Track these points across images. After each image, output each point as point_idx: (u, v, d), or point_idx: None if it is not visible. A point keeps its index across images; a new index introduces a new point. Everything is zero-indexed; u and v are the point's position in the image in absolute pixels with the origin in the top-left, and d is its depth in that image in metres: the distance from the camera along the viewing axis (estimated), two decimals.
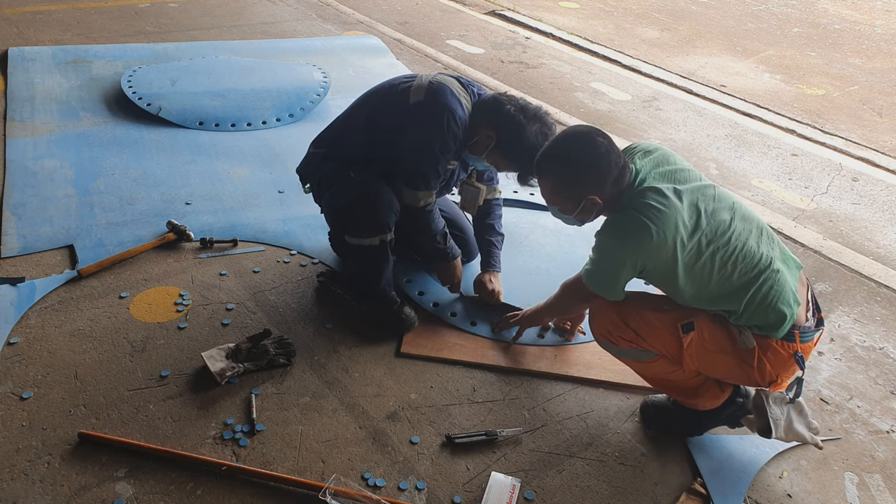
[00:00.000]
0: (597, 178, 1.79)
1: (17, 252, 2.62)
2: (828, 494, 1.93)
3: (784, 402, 1.84)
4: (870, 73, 5.65)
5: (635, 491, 1.90)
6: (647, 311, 1.84)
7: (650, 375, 1.98)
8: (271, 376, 2.17)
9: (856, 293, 2.86)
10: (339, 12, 6.13)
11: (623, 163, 1.82)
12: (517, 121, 2.15)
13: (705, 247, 1.75)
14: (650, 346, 1.85)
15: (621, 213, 1.79)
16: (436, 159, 2.21)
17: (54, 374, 2.10)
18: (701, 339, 1.80)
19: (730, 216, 1.80)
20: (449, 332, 2.40)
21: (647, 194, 1.76)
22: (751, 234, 1.81)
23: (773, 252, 1.82)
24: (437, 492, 1.84)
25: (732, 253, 1.76)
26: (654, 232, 1.70)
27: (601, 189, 1.80)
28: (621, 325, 1.86)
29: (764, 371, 1.80)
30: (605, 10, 7.12)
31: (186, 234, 2.77)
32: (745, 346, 1.78)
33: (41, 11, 5.32)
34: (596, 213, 1.87)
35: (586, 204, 1.82)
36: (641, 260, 1.76)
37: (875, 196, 3.70)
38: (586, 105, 4.63)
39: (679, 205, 1.74)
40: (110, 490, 1.76)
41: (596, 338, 1.98)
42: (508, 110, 2.17)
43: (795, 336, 1.78)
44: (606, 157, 1.78)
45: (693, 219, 1.75)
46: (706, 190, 1.84)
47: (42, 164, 3.23)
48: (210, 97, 3.89)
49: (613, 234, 1.80)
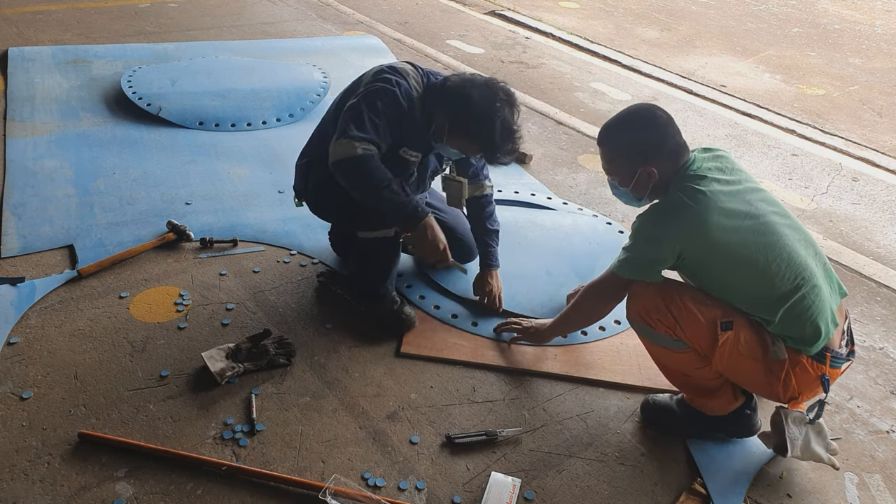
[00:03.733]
0: (653, 147, 1.82)
1: (17, 252, 2.62)
2: (828, 494, 1.93)
3: (803, 422, 1.83)
4: (870, 73, 5.65)
5: (635, 491, 1.90)
6: (690, 301, 1.81)
7: (673, 367, 1.96)
8: (271, 376, 2.17)
9: (856, 293, 2.86)
10: (339, 12, 6.13)
11: (682, 142, 1.85)
12: (462, 93, 2.07)
13: (751, 241, 1.74)
14: (685, 336, 1.83)
15: (667, 198, 1.82)
16: (361, 110, 2.04)
17: (54, 374, 2.10)
18: (736, 341, 1.78)
19: (781, 220, 1.80)
20: (449, 332, 2.40)
21: (696, 179, 1.78)
22: (799, 242, 1.80)
23: (818, 268, 1.81)
24: (437, 492, 1.84)
25: (779, 255, 1.74)
26: (695, 212, 1.72)
27: (657, 159, 1.82)
28: (663, 308, 1.83)
29: (789, 385, 1.79)
30: (605, 10, 7.11)
31: (186, 234, 2.77)
32: (777, 357, 1.77)
33: (41, 11, 5.32)
34: (651, 188, 1.86)
35: (641, 175, 1.83)
36: (680, 243, 1.76)
37: (875, 196, 3.70)
38: (586, 105, 4.63)
39: (726, 193, 1.75)
40: (110, 490, 1.76)
41: (631, 317, 1.94)
42: (452, 86, 2.10)
43: (826, 359, 1.77)
44: (664, 129, 1.83)
45: (741, 209, 1.76)
46: (759, 192, 1.85)
47: (42, 164, 3.23)
48: (210, 97, 3.89)
49: (652, 217, 1.82)
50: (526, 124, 4.23)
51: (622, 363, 2.31)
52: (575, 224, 3.05)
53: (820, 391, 1.81)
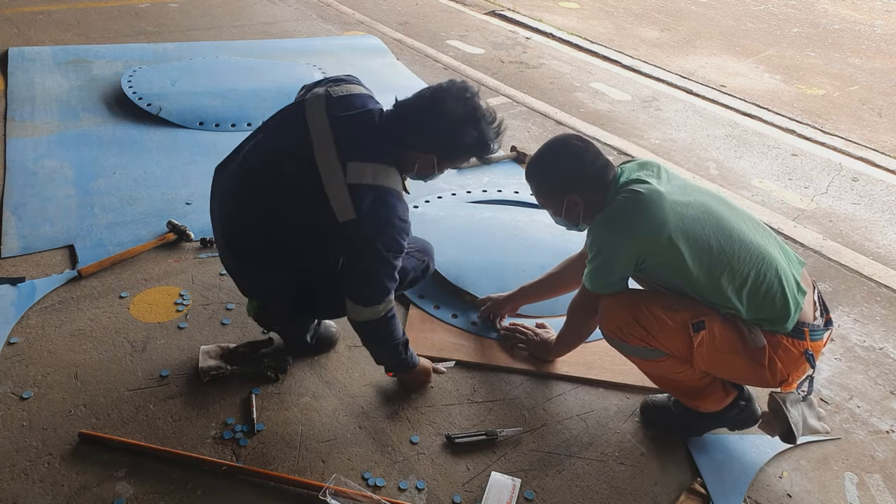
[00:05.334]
0: (571, 177, 1.89)
1: (18, 252, 2.62)
2: (828, 494, 1.94)
3: (798, 401, 1.84)
4: (870, 73, 5.65)
5: (635, 491, 1.90)
6: (658, 309, 1.82)
7: (657, 375, 1.97)
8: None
9: (856, 293, 2.86)
10: (339, 12, 6.13)
11: (604, 163, 1.90)
12: (447, 121, 1.81)
13: (698, 227, 1.77)
14: (660, 344, 1.84)
15: (608, 208, 1.84)
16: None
17: (54, 374, 2.10)
18: (711, 339, 1.79)
19: (720, 206, 1.84)
20: (449, 332, 2.40)
21: (631, 184, 1.82)
22: (745, 223, 1.83)
23: (769, 243, 1.83)
24: (437, 492, 1.84)
25: (728, 236, 1.77)
26: (643, 208, 1.75)
27: (578, 187, 1.88)
28: (632, 322, 1.84)
29: (776, 370, 1.79)
30: (605, 10, 7.12)
31: (186, 234, 2.77)
32: (756, 344, 1.77)
33: (41, 11, 5.32)
34: (583, 214, 1.91)
35: (568, 204, 1.90)
36: (636, 246, 1.78)
37: (875, 196, 3.70)
38: (586, 105, 4.63)
39: (664, 188, 1.80)
40: (110, 490, 1.76)
41: (605, 335, 1.96)
42: (418, 120, 1.83)
43: (805, 333, 1.78)
44: (580, 157, 1.89)
45: (681, 199, 1.79)
46: (692, 184, 1.91)
47: (42, 164, 3.23)
48: (210, 97, 3.89)
49: (602, 225, 1.84)
50: (526, 124, 4.23)
51: (622, 363, 2.29)
52: None
53: (807, 367, 1.82)
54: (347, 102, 1.87)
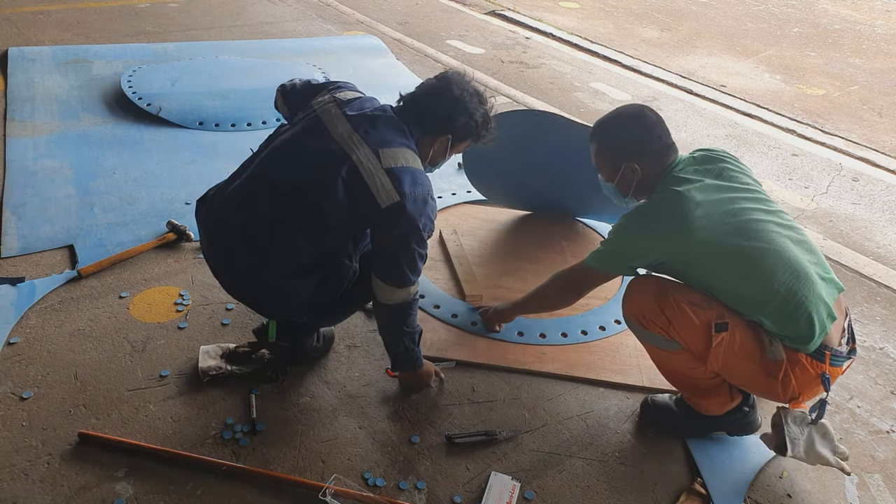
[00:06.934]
0: (637, 145, 1.89)
1: (17, 252, 2.62)
2: (828, 494, 1.93)
3: (805, 422, 1.81)
4: (870, 73, 5.65)
5: (635, 491, 1.90)
6: (685, 303, 1.80)
7: (667, 367, 1.96)
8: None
9: (856, 293, 2.86)
10: (339, 12, 6.13)
11: (669, 143, 1.91)
12: (458, 100, 1.93)
13: (733, 242, 1.74)
14: (679, 337, 1.83)
15: (650, 200, 1.86)
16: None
17: (54, 374, 2.10)
18: (731, 342, 1.77)
19: (768, 218, 1.79)
20: (449, 332, 2.40)
21: (679, 182, 1.81)
22: (789, 239, 1.78)
23: (811, 265, 1.79)
24: (437, 492, 1.84)
25: (765, 253, 1.74)
26: (677, 215, 1.75)
27: (641, 157, 1.89)
28: (657, 310, 1.83)
29: (788, 385, 1.77)
30: (605, 10, 7.12)
31: (186, 234, 2.77)
32: (774, 357, 1.76)
33: (41, 11, 5.32)
34: (635, 186, 1.92)
35: (625, 171, 1.91)
36: (661, 245, 1.78)
37: (875, 196, 3.70)
38: (586, 105, 4.63)
39: (709, 196, 1.77)
40: (110, 490, 1.76)
41: (626, 317, 1.94)
42: (431, 105, 1.94)
43: (826, 357, 1.75)
44: (650, 128, 1.90)
45: (723, 209, 1.76)
46: (749, 192, 1.84)
47: (42, 164, 3.23)
48: (210, 97, 3.89)
49: (635, 217, 1.85)
50: None
51: (622, 363, 2.31)
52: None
53: (821, 390, 1.80)
54: (358, 104, 1.95)
